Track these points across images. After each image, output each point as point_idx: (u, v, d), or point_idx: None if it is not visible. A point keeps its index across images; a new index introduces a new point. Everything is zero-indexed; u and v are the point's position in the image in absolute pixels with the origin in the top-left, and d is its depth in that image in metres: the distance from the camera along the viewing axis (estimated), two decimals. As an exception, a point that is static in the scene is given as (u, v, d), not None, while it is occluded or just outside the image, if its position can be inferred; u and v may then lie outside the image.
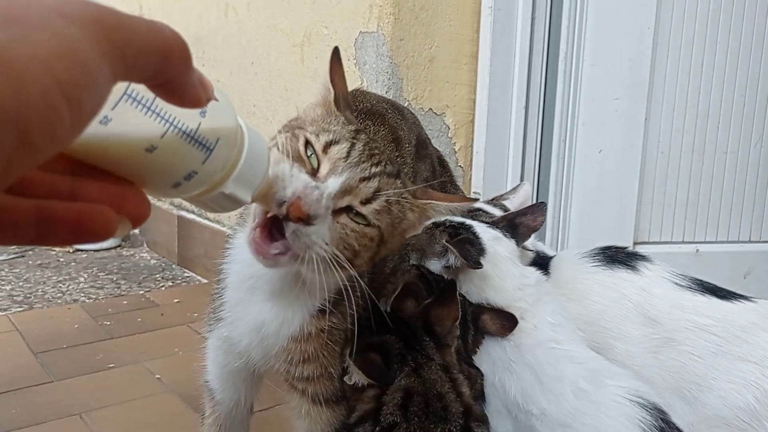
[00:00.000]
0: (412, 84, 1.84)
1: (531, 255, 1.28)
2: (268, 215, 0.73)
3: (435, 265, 1.10)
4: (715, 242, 2.07)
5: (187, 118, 0.48)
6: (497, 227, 1.16)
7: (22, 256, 2.95)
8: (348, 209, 0.78)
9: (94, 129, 0.42)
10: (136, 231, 3.25)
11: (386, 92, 1.80)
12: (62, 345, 1.97)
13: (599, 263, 1.22)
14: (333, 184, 0.76)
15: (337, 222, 0.77)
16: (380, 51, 1.79)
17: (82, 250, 3.08)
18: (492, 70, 1.88)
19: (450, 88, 1.91)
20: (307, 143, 0.79)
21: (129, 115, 0.45)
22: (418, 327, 0.96)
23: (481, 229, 1.13)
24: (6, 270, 2.74)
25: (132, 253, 3.10)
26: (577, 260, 1.25)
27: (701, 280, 1.18)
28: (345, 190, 0.77)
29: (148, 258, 3.02)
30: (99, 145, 0.44)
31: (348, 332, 0.93)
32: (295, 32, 2.08)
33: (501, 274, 1.09)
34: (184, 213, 2.85)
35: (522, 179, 1.96)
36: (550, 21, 1.93)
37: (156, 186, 0.49)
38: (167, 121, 0.47)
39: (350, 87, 1.88)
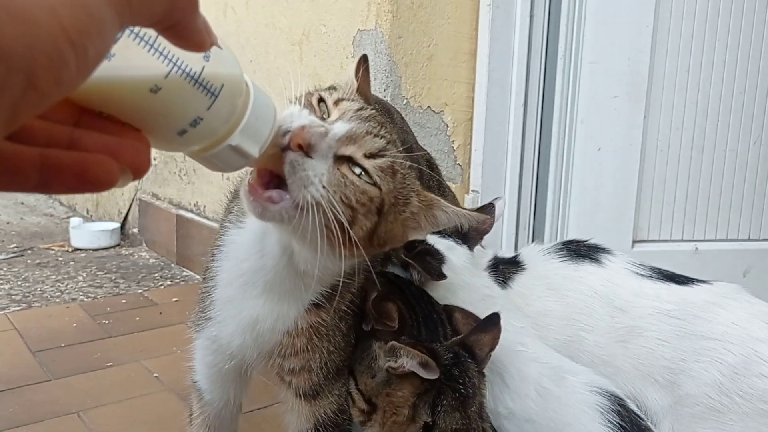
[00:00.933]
0: (411, 82, 1.84)
1: (489, 254, 1.29)
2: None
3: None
4: (715, 240, 2.07)
5: (190, 60, 0.47)
6: (446, 235, 1.15)
7: (21, 255, 2.95)
8: (350, 161, 0.75)
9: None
10: (135, 230, 3.24)
11: (385, 90, 1.79)
12: (60, 344, 1.97)
13: (565, 258, 1.24)
14: (339, 127, 0.74)
15: (338, 169, 0.73)
16: (378, 49, 1.78)
17: (81, 250, 3.08)
18: (491, 67, 1.88)
19: (448, 86, 1.91)
20: (321, 100, 0.78)
21: (132, 53, 0.45)
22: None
23: (433, 239, 1.13)
24: (5, 269, 2.73)
25: (131, 252, 3.10)
26: (544, 257, 1.26)
27: (660, 269, 1.21)
28: (350, 137, 0.75)
29: (147, 257, 3.02)
30: (103, 85, 0.43)
31: (337, 329, 0.93)
32: (293, 30, 2.08)
33: (464, 284, 1.10)
34: (182, 212, 2.84)
35: (521, 177, 1.96)
36: (548, 18, 1.93)
37: (162, 132, 0.49)
38: (171, 61, 0.46)
39: (348, 85, 1.88)
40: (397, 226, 0.82)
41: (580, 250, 1.24)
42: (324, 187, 0.71)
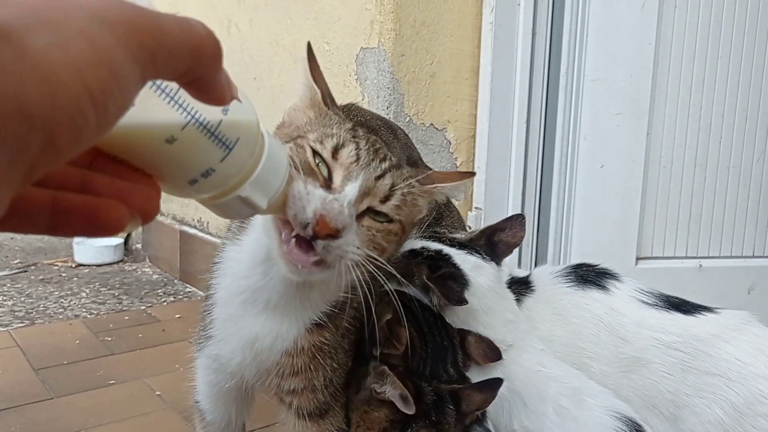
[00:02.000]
0: (414, 99, 1.84)
1: (506, 273, 1.27)
2: (293, 234, 0.72)
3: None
4: (719, 257, 2.06)
5: (208, 113, 0.48)
6: (474, 250, 1.12)
7: (24, 271, 2.95)
8: (368, 210, 0.78)
9: None
10: (139, 245, 3.25)
11: (387, 107, 1.80)
12: (63, 361, 1.97)
13: (572, 283, 1.22)
14: (351, 190, 0.75)
15: (362, 225, 0.77)
16: (381, 66, 1.79)
17: (84, 265, 3.08)
18: (493, 85, 1.89)
19: (451, 104, 1.91)
20: (314, 153, 0.79)
21: (152, 103, 0.45)
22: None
23: (460, 258, 1.09)
24: (8, 285, 2.74)
25: (134, 267, 3.10)
26: (552, 280, 1.24)
27: (667, 296, 1.19)
28: (364, 193, 0.77)
29: (150, 273, 3.02)
30: (120, 133, 0.43)
31: (339, 347, 0.93)
32: (296, 48, 2.09)
33: (487, 309, 1.07)
34: (186, 228, 2.85)
35: (524, 194, 1.96)
36: (551, 36, 1.93)
37: (173, 181, 0.49)
38: (189, 113, 0.47)
39: (352, 102, 1.89)
40: (409, 227, 0.88)
41: (588, 276, 1.22)
42: (358, 248, 0.75)
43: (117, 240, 3.29)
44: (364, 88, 1.84)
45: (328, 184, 0.76)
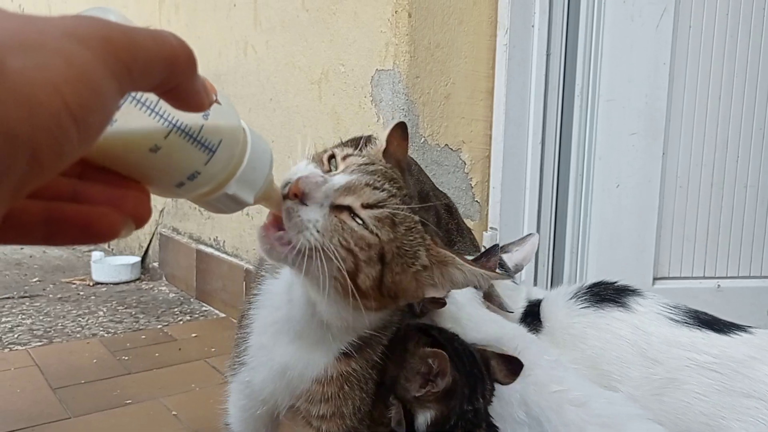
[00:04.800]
0: (428, 120, 1.85)
1: (522, 295, 1.25)
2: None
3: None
4: (737, 277, 2.04)
5: (189, 119, 0.49)
6: None
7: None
8: (350, 210, 0.77)
9: None
10: (156, 264, 3.27)
11: (402, 129, 1.81)
12: (80, 380, 1.98)
13: (588, 304, 1.19)
14: (338, 179, 0.77)
15: (336, 216, 0.76)
16: (396, 88, 1.81)
17: (102, 284, 3.11)
18: (508, 105, 1.89)
19: (466, 124, 1.92)
20: (332, 157, 0.81)
21: (133, 116, 0.47)
22: None
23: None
24: (27, 304, 2.76)
25: (151, 286, 3.12)
26: (566, 303, 1.22)
27: (696, 312, 1.16)
28: (349, 188, 0.77)
29: (167, 291, 3.04)
30: (105, 146, 0.45)
31: (369, 378, 0.94)
32: (312, 69, 2.11)
33: (469, 316, 1.07)
34: (202, 247, 2.87)
35: (539, 214, 1.96)
36: (565, 57, 1.94)
37: (161, 185, 0.51)
38: (170, 122, 0.48)
39: (366, 124, 1.90)
40: (407, 278, 0.82)
41: (606, 294, 1.19)
42: (318, 231, 0.74)
43: (134, 258, 3.31)
44: (380, 110, 1.85)
45: (329, 171, 0.80)
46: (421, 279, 0.84)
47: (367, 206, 0.78)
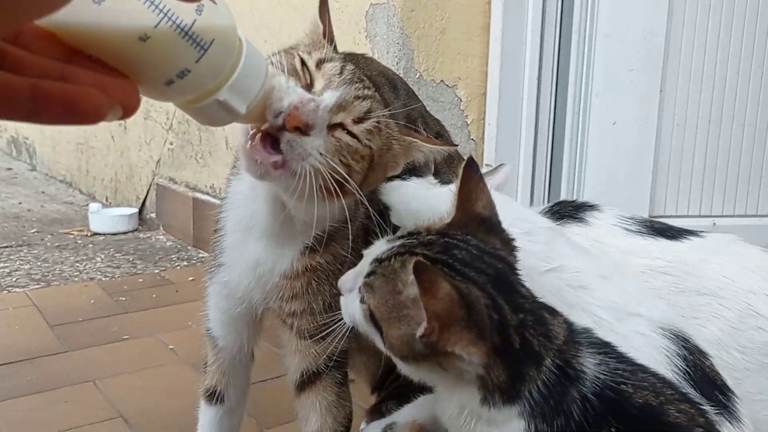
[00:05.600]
0: (424, 55, 1.83)
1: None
2: (262, 128, 0.74)
3: None
4: (733, 216, 2.04)
5: (182, 12, 0.48)
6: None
7: (42, 238, 2.99)
8: (341, 126, 0.80)
9: (88, 9, 0.44)
10: (153, 215, 3.27)
11: (397, 63, 1.79)
12: (78, 318, 1.99)
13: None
14: (329, 97, 0.78)
15: (332, 136, 0.78)
16: (391, 22, 1.78)
17: (99, 234, 3.11)
18: (504, 41, 1.87)
19: (462, 60, 1.90)
20: (303, 63, 0.81)
21: (125, 2, 0.46)
22: None
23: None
24: (25, 251, 2.77)
25: (148, 235, 3.12)
26: None
27: (650, 222, 1.18)
28: (340, 105, 0.79)
29: (164, 240, 3.04)
30: (93, 29, 0.45)
31: (336, 273, 0.94)
32: (306, 8, 2.08)
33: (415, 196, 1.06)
34: (199, 195, 2.86)
35: (535, 152, 1.95)
36: (562, -9, 1.91)
37: (149, 81, 0.50)
38: (161, 11, 0.47)
39: (365, 53, 1.87)
40: (381, 170, 0.89)
41: (566, 212, 1.20)
42: (321, 154, 0.76)
43: (132, 210, 3.31)
44: (374, 45, 1.83)
45: (308, 87, 0.79)
46: (388, 166, 0.90)
47: (357, 120, 0.81)
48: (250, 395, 1.18)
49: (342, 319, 0.82)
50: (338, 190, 0.79)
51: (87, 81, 0.44)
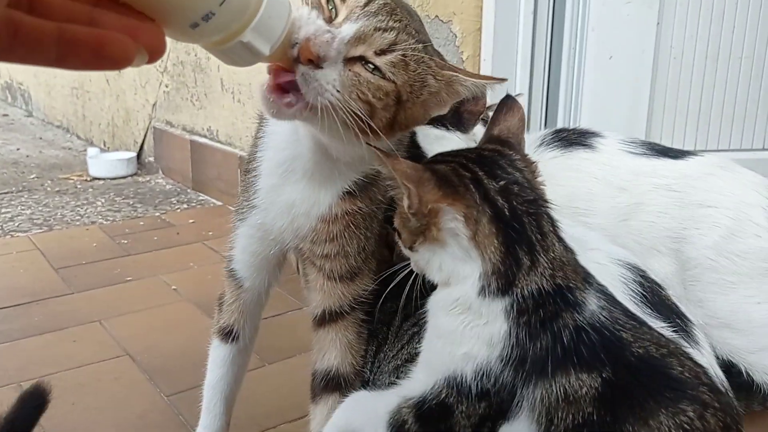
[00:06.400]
0: (418, -9, 1.81)
1: None
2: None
3: None
4: (730, 150, 2.04)
5: None
6: (440, 124, 1.15)
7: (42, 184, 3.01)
8: (362, 60, 0.76)
9: None
10: (151, 158, 3.28)
11: (391, -1, 1.76)
12: (81, 261, 2.03)
13: (557, 148, 1.24)
14: (347, 29, 0.75)
15: (350, 70, 0.76)
16: (384, -43, 1.75)
17: (99, 179, 3.13)
18: (499, -25, 1.84)
19: (456, -5, 1.87)
20: None
21: None
22: None
23: (425, 130, 1.12)
24: (26, 196, 2.79)
25: (148, 179, 3.14)
26: (535, 149, 1.25)
27: (652, 144, 1.24)
28: (359, 38, 0.75)
29: (164, 184, 3.06)
30: None
31: (373, 217, 0.95)
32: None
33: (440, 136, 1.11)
34: (196, 137, 2.86)
35: (531, 87, 1.94)
36: None
37: (175, 25, 0.50)
38: None
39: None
40: (417, 109, 0.83)
41: (572, 138, 1.25)
42: (338, 90, 0.74)
43: (130, 154, 3.32)
44: (367, -19, 1.80)
45: (331, 20, 0.77)
46: (429, 104, 0.85)
47: (380, 53, 0.77)
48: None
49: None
50: (362, 127, 0.77)
51: (114, 25, 0.44)
